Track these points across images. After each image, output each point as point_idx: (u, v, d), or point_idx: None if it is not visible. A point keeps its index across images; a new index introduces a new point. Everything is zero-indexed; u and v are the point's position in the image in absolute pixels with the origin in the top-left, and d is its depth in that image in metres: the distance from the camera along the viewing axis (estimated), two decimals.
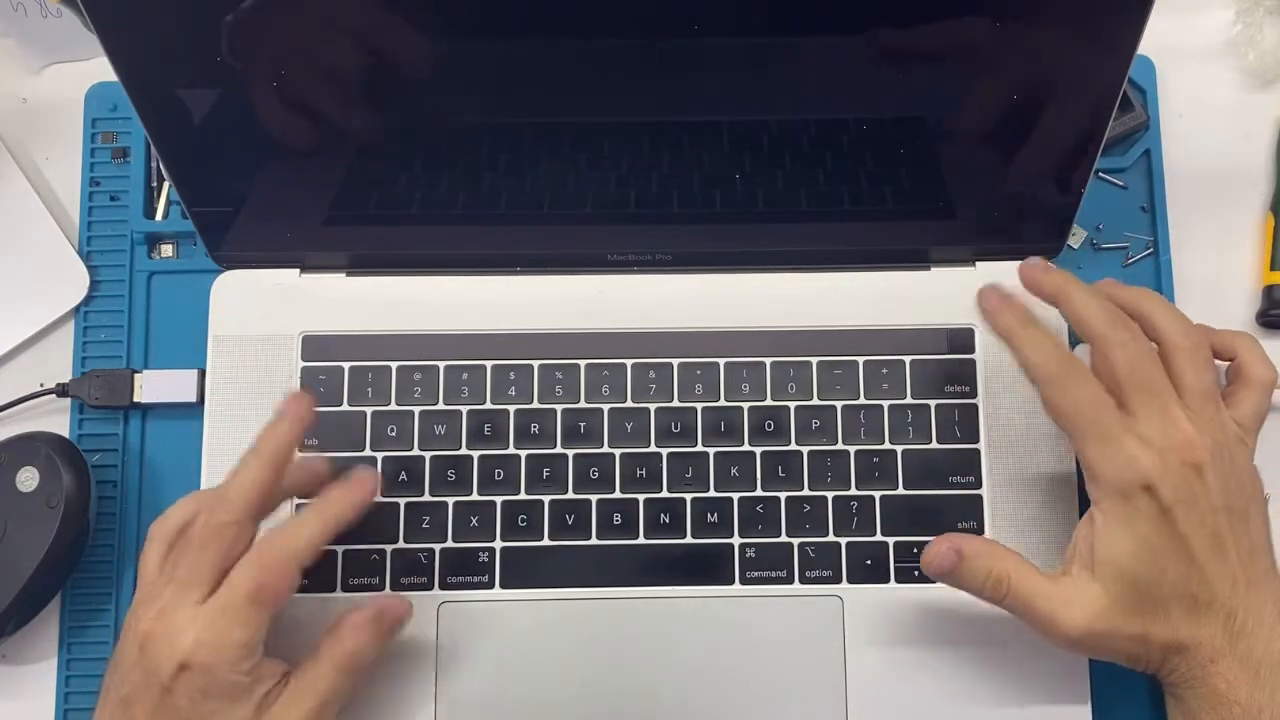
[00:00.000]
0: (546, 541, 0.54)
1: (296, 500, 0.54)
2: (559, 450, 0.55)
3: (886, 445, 0.55)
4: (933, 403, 0.55)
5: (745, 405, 0.55)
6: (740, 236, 0.56)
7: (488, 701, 0.53)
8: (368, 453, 0.55)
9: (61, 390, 0.57)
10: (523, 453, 0.55)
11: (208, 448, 0.55)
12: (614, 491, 0.54)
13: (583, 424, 0.55)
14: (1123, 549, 0.45)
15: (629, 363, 0.56)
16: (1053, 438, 0.55)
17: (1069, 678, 0.53)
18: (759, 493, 0.54)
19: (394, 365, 0.55)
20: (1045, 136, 0.51)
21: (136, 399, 0.56)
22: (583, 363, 0.56)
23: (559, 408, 0.55)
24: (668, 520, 0.54)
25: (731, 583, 0.54)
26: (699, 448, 0.55)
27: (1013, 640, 0.53)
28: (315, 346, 0.56)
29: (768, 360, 0.56)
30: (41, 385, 0.58)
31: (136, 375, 0.57)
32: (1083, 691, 0.53)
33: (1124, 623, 0.46)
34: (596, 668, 0.53)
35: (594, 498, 0.54)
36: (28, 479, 0.53)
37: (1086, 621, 0.46)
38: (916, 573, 0.53)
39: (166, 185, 0.60)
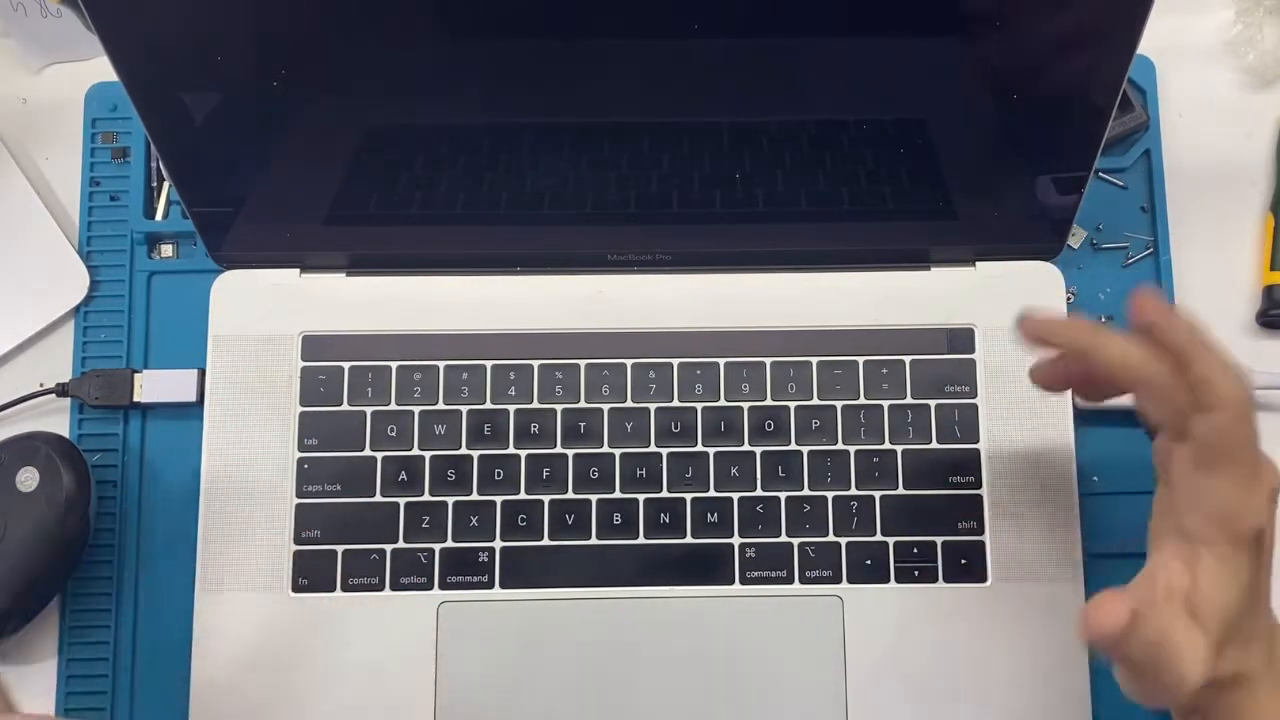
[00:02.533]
0: (546, 541, 0.54)
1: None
2: (559, 450, 0.55)
3: (886, 445, 0.55)
4: (933, 403, 0.55)
5: (745, 405, 0.55)
6: (740, 236, 0.56)
7: (488, 701, 0.53)
8: (367, 452, 0.55)
9: (61, 390, 0.57)
10: (523, 453, 0.55)
11: (208, 448, 0.55)
12: (614, 491, 0.54)
13: (583, 424, 0.55)
14: (1231, 596, 0.42)
15: (629, 363, 0.56)
16: (1052, 438, 0.55)
17: (1069, 677, 0.53)
18: (759, 493, 0.54)
19: (394, 365, 0.55)
20: (1045, 137, 0.51)
21: (136, 399, 0.56)
22: (583, 363, 0.56)
23: (559, 408, 0.55)
24: (668, 520, 0.54)
25: (731, 583, 0.54)
26: (699, 448, 0.55)
27: (1013, 640, 0.53)
28: (315, 346, 0.56)
29: (768, 360, 0.56)
30: (41, 385, 0.58)
31: (136, 375, 0.57)
32: (1083, 691, 0.53)
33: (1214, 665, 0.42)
34: (596, 668, 0.53)
35: (594, 498, 0.54)
36: (28, 479, 0.53)
37: (1203, 672, 0.40)
38: (916, 572, 0.54)
39: (166, 185, 0.60)
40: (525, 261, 0.56)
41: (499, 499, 0.54)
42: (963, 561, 0.54)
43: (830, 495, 0.54)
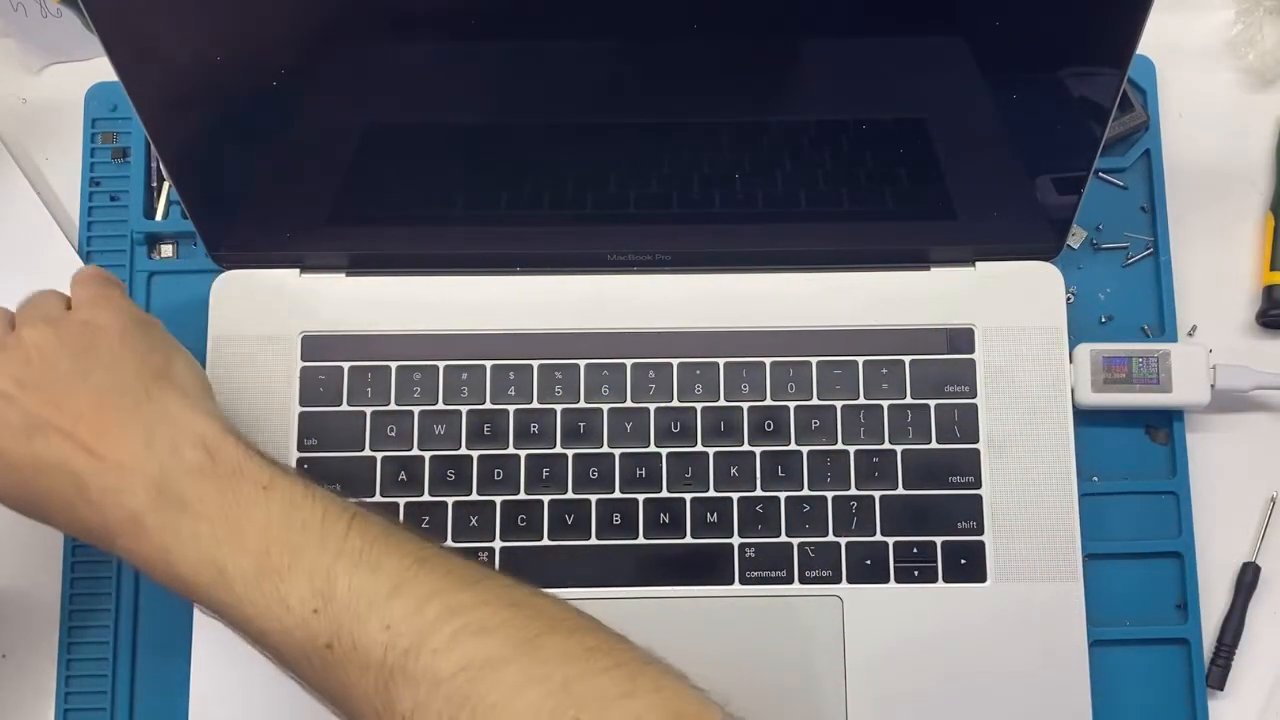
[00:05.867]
0: (546, 541, 0.54)
1: None
2: (559, 450, 0.55)
3: (886, 445, 0.55)
4: (933, 403, 0.55)
5: (745, 405, 0.55)
6: (740, 237, 0.56)
7: None
8: (367, 452, 0.54)
9: None
10: (522, 453, 0.55)
11: None
12: (614, 491, 0.54)
13: (582, 424, 0.55)
14: None
15: (629, 363, 0.56)
16: (1052, 438, 0.55)
17: (1069, 677, 0.53)
18: (759, 493, 0.54)
19: (394, 365, 0.55)
20: (1045, 137, 0.51)
21: None
22: (583, 363, 0.56)
23: (559, 408, 0.55)
24: (667, 520, 0.54)
25: (731, 583, 0.54)
26: (699, 448, 0.55)
27: (1013, 640, 0.53)
28: (315, 346, 0.56)
29: (768, 360, 0.56)
30: None
31: None
32: (1083, 690, 0.53)
33: None
34: None
35: (594, 498, 0.54)
36: None
37: None
38: (916, 572, 0.54)
39: (166, 185, 0.60)
40: (525, 261, 0.56)
41: (499, 499, 0.54)
42: (962, 561, 0.54)
43: (830, 495, 0.54)
